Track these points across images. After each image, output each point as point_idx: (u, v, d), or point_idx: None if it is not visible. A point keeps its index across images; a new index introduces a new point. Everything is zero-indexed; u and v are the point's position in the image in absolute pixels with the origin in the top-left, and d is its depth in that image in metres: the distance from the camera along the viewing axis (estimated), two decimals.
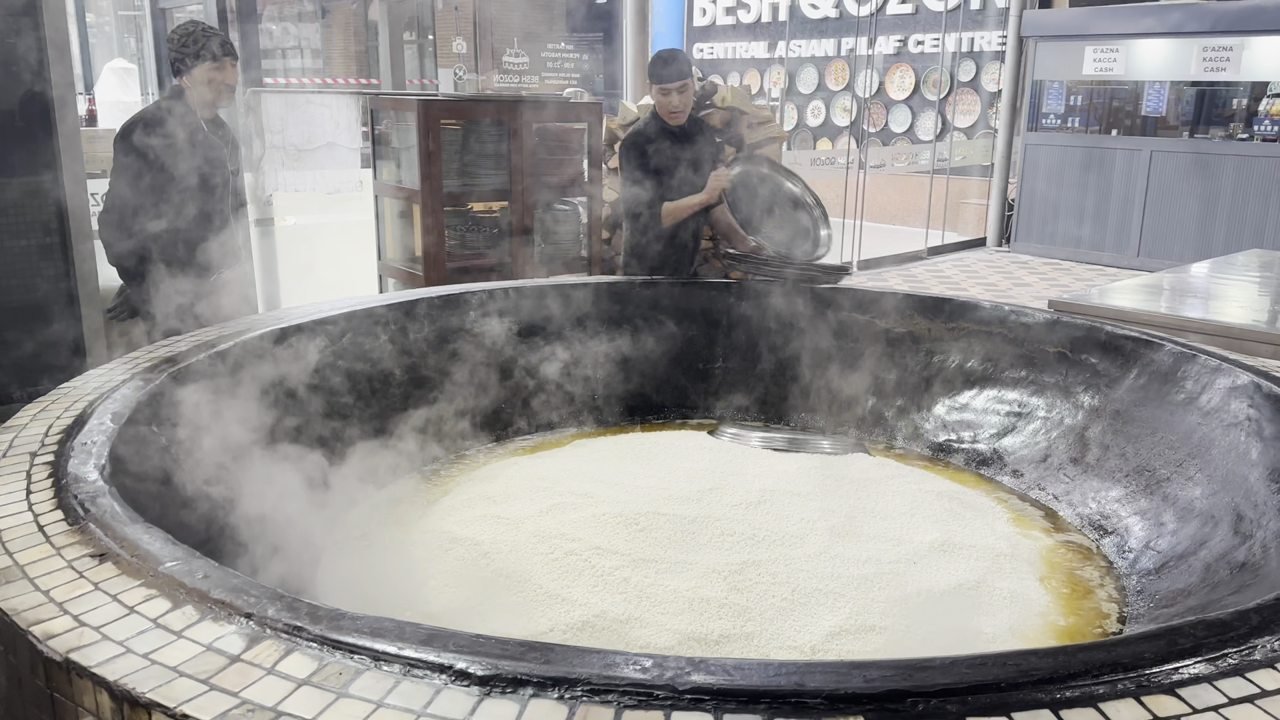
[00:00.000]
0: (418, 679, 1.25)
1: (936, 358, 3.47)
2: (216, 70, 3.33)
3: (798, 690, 1.21)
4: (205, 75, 3.33)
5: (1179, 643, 1.34)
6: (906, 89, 12.29)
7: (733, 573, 2.21)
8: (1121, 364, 2.99)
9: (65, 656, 1.29)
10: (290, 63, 11.04)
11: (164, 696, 1.21)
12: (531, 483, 2.69)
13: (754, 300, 3.67)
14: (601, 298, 3.64)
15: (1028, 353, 3.26)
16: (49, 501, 1.75)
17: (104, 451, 1.94)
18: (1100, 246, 9.94)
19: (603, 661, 1.27)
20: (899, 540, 2.42)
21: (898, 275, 9.70)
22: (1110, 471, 2.81)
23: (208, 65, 3.32)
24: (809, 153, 11.04)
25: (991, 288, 8.99)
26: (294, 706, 1.20)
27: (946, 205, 10.90)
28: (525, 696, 1.22)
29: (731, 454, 2.92)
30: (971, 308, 3.46)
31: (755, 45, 13.60)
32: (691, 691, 1.21)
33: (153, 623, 1.37)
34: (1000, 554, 2.45)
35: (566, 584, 2.19)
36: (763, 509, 2.50)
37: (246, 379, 2.57)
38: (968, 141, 11.54)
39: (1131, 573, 2.45)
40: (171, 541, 1.59)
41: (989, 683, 1.24)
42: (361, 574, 2.32)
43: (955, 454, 3.24)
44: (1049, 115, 10.36)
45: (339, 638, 1.31)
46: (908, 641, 2.05)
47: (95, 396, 2.28)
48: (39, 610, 1.41)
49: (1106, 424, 2.92)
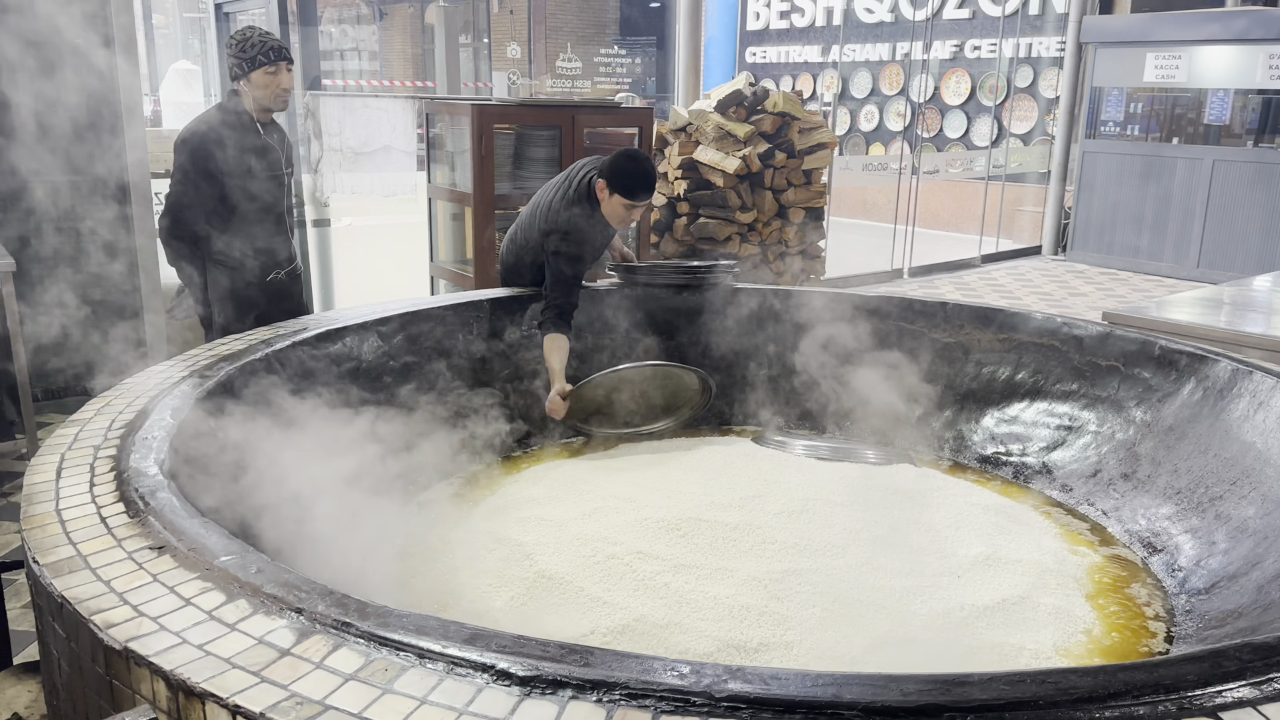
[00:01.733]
0: (460, 677, 1.28)
1: (986, 369, 3.44)
2: (272, 75, 3.40)
3: (834, 702, 1.22)
4: (261, 80, 3.40)
5: (1223, 665, 1.33)
6: (962, 94, 12.16)
7: (773, 581, 2.22)
8: (1175, 379, 2.94)
9: (124, 645, 1.34)
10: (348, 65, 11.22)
11: (217, 687, 1.25)
12: (575, 486, 2.72)
13: (801, 307, 3.67)
14: (644, 303, 3.66)
15: (1079, 365, 3.22)
16: (111, 494, 1.82)
17: (163, 446, 2.00)
18: (1159, 257, 9.75)
19: (641, 666, 1.29)
20: (943, 553, 2.41)
21: (950, 283, 9.60)
22: (1162, 488, 2.77)
23: (264, 70, 3.39)
24: (860, 158, 10.97)
25: (1046, 297, 8.86)
26: (341, 700, 1.24)
27: (1001, 212, 10.76)
28: (564, 698, 1.24)
29: (775, 462, 2.92)
30: (1023, 319, 3.43)
31: (809, 49, 13.55)
32: (728, 699, 1.23)
33: (208, 615, 1.42)
34: (1046, 569, 2.42)
35: (608, 587, 2.21)
36: (805, 518, 2.50)
37: (301, 378, 2.64)
38: (1024, 148, 11.39)
39: (1181, 592, 2.41)
40: (227, 536, 1.64)
41: (1026, 699, 1.24)
42: (407, 573, 2.36)
43: (1003, 466, 3.21)
44: (1108, 122, 10.19)
45: (386, 635, 1.35)
46: (948, 656, 2.04)
47: (156, 393, 2.35)
48: (100, 600, 1.46)
49: (1159, 440, 2.88)
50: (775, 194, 6.75)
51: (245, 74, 3.40)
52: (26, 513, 1.76)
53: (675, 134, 6.83)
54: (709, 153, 6.53)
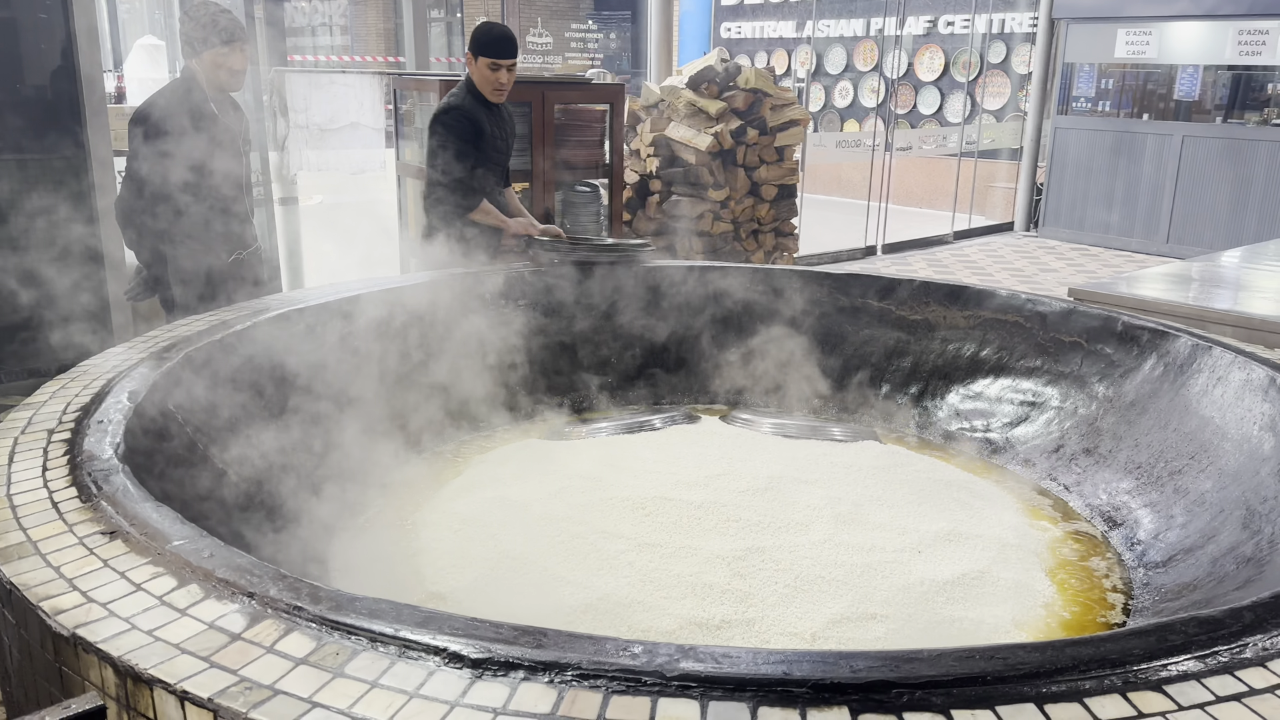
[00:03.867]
0: (412, 660, 1.28)
1: (951, 345, 3.46)
2: (227, 53, 3.36)
3: (784, 679, 1.23)
4: (215, 58, 3.36)
5: (1169, 639, 1.35)
6: (936, 70, 12.17)
7: (736, 558, 2.23)
8: (1137, 354, 2.97)
9: (72, 632, 1.33)
10: (320, 40, 11.06)
11: (165, 673, 1.24)
12: (541, 466, 2.72)
13: (767, 285, 3.67)
14: (617, 280, 3.65)
15: (1043, 342, 3.24)
16: (64, 479, 1.79)
17: (119, 430, 1.98)
18: (1129, 232, 9.82)
19: (594, 647, 1.29)
20: (904, 529, 2.43)
21: (922, 259, 9.64)
22: (1123, 463, 2.80)
23: (218, 48, 3.35)
24: (834, 134, 10.97)
25: (1017, 273, 8.92)
26: (291, 685, 1.23)
27: (974, 189, 10.80)
28: (516, 680, 1.24)
29: (741, 440, 2.93)
30: (988, 295, 3.44)
31: (783, 24, 13.50)
32: (679, 679, 1.23)
33: (158, 600, 1.41)
34: (1006, 544, 2.45)
35: (572, 567, 2.22)
36: (769, 495, 2.51)
37: (260, 358, 2.61)
38: (997, 124, 11.42)
39: (1139, 565, 2.44)
40: (180, 520, 1.63)
41: (975, 675, 1.25)
42: (372, 553, 2.35)
43: (967, 442, 3.23)
44: (1080, 98, 10.23)
45: (337, 618, 1.34)
46: (909, 630, 2.06)
47: (113, 375, 2.32)
48: (49, 586, 1.44)
49: (1120, 415, 2.90)
50: (748, 171, 6.74)
51: (197, 52, 3.35)
52: None
53: (647, 111, 6.79)
54: (681, 129, 6.50)
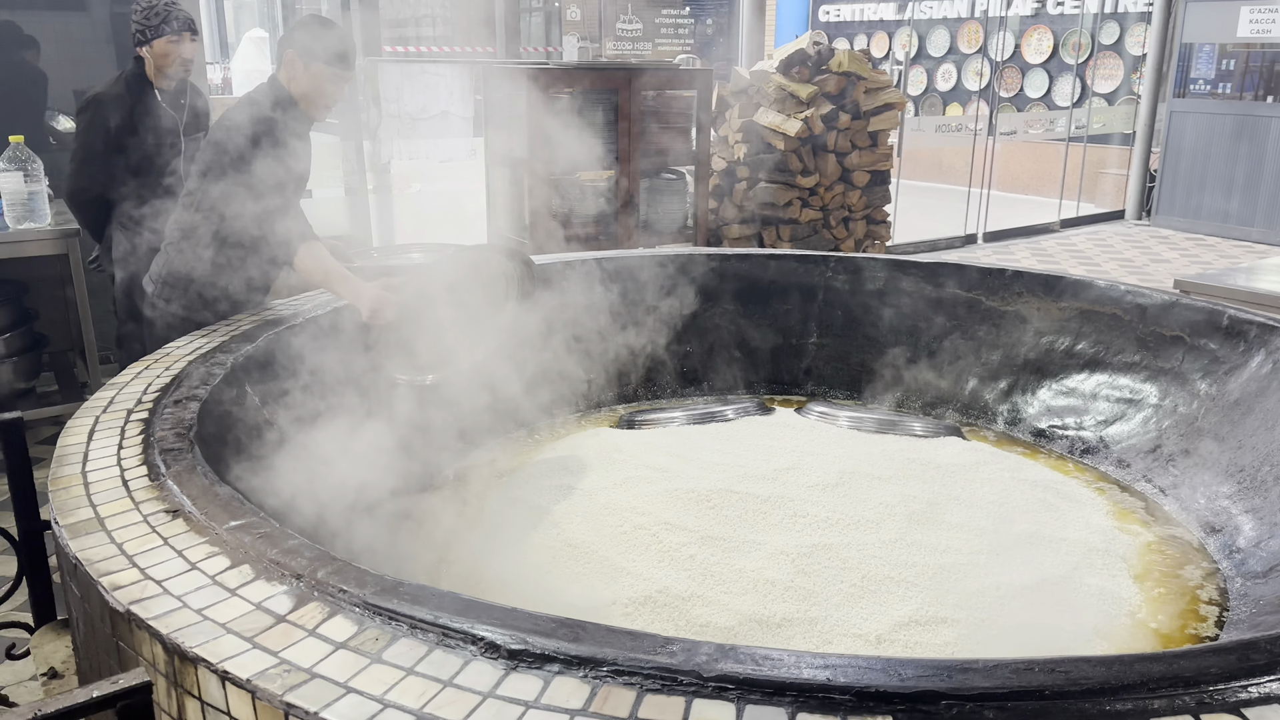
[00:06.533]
0: (449, 649, 1.27)
1: (1045, 339, 3.31)
2: (174, 44, 3.46)
3: (826, 685, 1.18)
4: (163, 48, 3.47)
5: (1252, 658, 1.25)
6: (1044, 52, 11.70)
7: (801, 555, 2.17)
8: (1244, 350, 2.79)
9: (127, 608, 1.36)
10: (423, 31, 11.25)
11: (209, 652, 1.26)
12: (609, 455, 2.70)
13: (852, 275, 3.57)
14: (692, 270, 3.60)
15: (1143, 336, 3.07)
16: (136, 457, 1.85)
17: (194, 411, 2.03)
18: (1249, 222, 9.28)
19: (632, 643, 1.26)
20: (982, 530, 2.33)
21: (1026, 249, 9.30)
22: (1224, 465, 2.63)
23: (165, 38, 3.45)
24: (933, 119, 10.65)
25: (1127, 263, 8.53)
26: (328, 669, 1.23)
27: (1083, 175, 10.36)
28: (551, 673, 1.22)
29: (815, 433, 2.86)
30: (1084, 286, 3.28)
31: (884, 6, 13.16)
32: (717, 679, 1.19)
33: (210, 579, 1.43)
34: (1093, 548, 2.33)
35: (633, 558, 2.19)
36: (839, 491, 2.44)
37: (332, 348, 2.65)
38: (1108, 108, 10.92)
39: (1237, 575, 2.29)
40: (240, 500, 1.66)
41: (1033, 689, 1.18)
42: (436, 539, 2.37)
43: (1058, 441, 3.09)
44: (1198, 80, 9.70)
45: (380, 603, 1.34)
46: (980, 636, 1.97)
47: (194, 358, 2.39)
48: (111, 562, 1.48)
49: (1223, 414, 2.73)
50: (839, 157, 6.59)
51: (148, 40, 3.47)
52: (55, 474, 1.80)
53: (736, 96, 6.70)
54: (769, 115, 6.39)
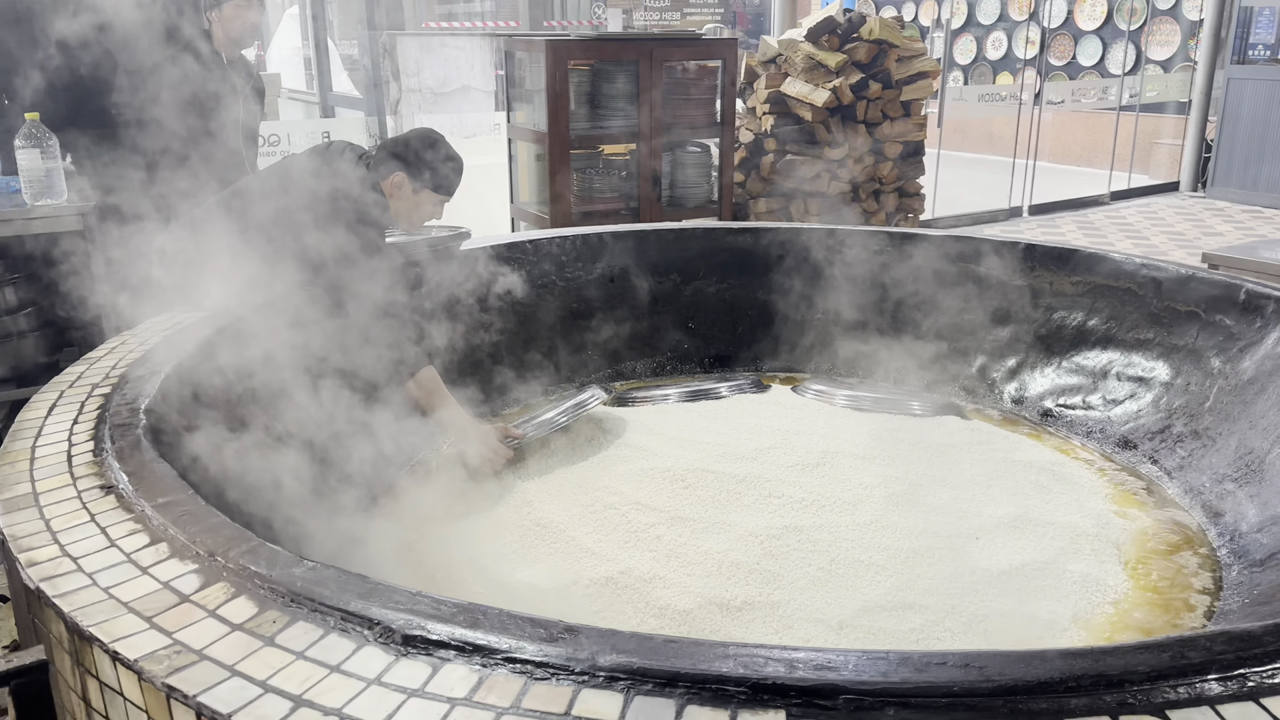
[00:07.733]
0: (344, 633, 1.24)
1: (1056, 314, 3.18)
2: (243, 9, 3.46)
3: (720, 677, 1.12)
4: (232, 12, 3.46)
5: (1187, 656, 1.16)
6: (1098, 18, 11.31)
7: (771, 537, 2.11)
8: (1260, 326, 2.65)
9: (37, 585, 1.35)
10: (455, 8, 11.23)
11: (104, 632, 1.25)
12: (590, 433, 2.65)
13: (859, 248, 3.47)
14: (689, 244, 3.53)
15: (1157, 311, 2.94)
16: (87, 432, 1.84)
17: (152, 386, 2.02)
18: None
19: (532, 629, 1.22)
20: (964, 513, 2.25)
21: (1072, 222, 9.03)
22: (1234, 447, 2.51)
23: (233, 4, 3.44)
24: (976, 88, 10.35)
25: (1177, 237, 8.24)
26: (218, 651, 1.21)
27: (1135, 145, 10.01)
28: (443, 660, 1.19)
29: (806, 411, 2.79)
30: (1098, 260, 3.14)
31: None
32: (609, 670, 1.15)
33: (126, 557, 1.42)
34: (1082, 533, 2.23)
35: (599, 538, 2.15)
36: (819, 471, 2.37)
37: (312, 324, 2.63)
38: (1163, 75, 10.53)
39: (1235, 563, 2.18)
40: (177, 477, 1.64)
41: (940, 685, 1.11)
42: (404, 518, 2.35)
43: (1063, 420, 2.97)
44: (1257, 46, 9.31)
45: (283, 585, 1.31)
46: (949, 624, 1.90)
47: (170, 333, 2.39)
48: (34, 538, 1.48)
49: (1236, 393, 2.60)
50: (869, 128, 6.43)
51: (216, 5, 3.45)
52: (6, 447, 1.80)
53: (764, 66, 6.56)
54: (797, 85, 6.25)
